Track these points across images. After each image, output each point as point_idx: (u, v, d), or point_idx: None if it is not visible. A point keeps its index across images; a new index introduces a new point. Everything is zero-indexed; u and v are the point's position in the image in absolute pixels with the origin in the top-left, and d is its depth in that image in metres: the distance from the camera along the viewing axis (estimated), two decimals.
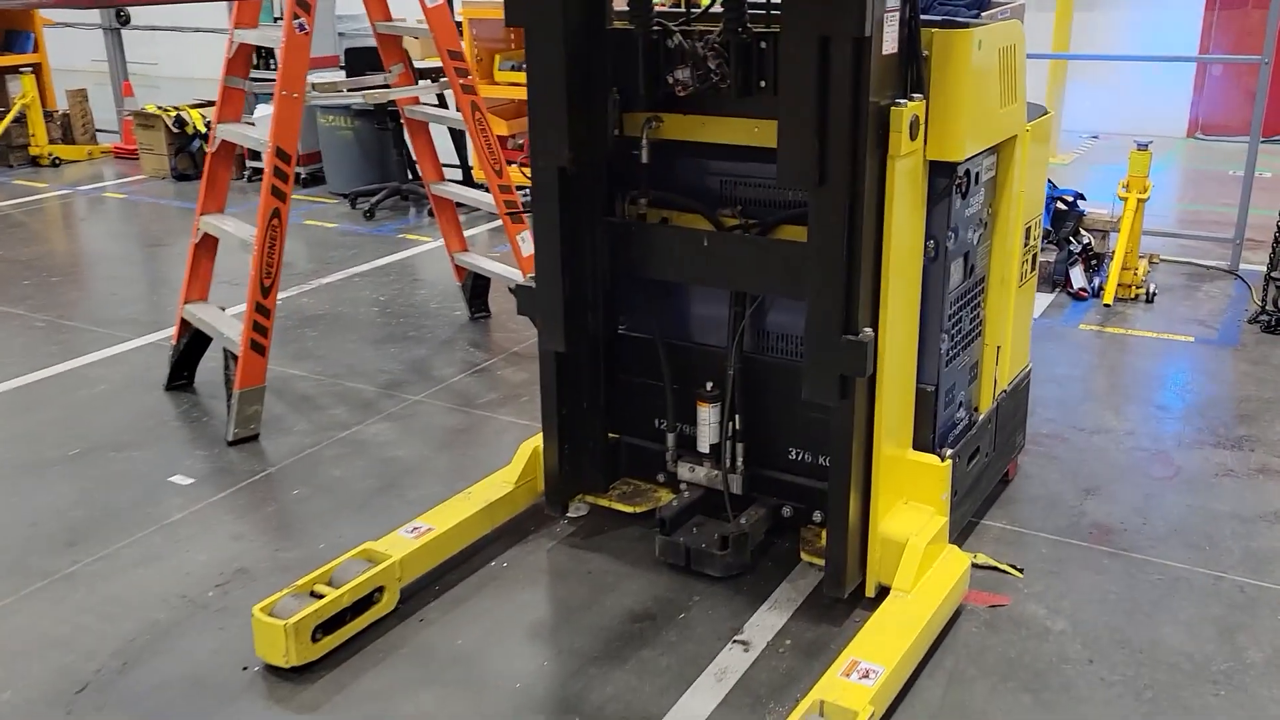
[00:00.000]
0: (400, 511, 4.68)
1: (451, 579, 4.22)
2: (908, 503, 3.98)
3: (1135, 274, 7.12)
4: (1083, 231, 7.51)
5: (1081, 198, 7.63)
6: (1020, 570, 4.19)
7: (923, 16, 3.56)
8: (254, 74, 7.59)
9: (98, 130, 12.91)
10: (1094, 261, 7.43)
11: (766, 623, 3.91)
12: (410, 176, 10.19)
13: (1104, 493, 4.78)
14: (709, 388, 4.26)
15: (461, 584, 4.19)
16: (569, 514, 4.64)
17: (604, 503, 4.53)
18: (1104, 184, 8.09)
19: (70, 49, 15.06)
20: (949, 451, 4.04)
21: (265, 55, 10.22)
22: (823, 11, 3.21)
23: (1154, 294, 7.12)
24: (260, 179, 11.73)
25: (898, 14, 3.34)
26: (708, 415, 4.28)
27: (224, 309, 5.94)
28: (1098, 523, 4.54)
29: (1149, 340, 6.55)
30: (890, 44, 3.35)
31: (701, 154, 4.07)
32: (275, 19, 10.77)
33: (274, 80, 5.25)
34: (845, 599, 3.88)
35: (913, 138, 3.45)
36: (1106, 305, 6.89)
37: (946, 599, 3.74)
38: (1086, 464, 5.05)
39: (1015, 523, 4.55)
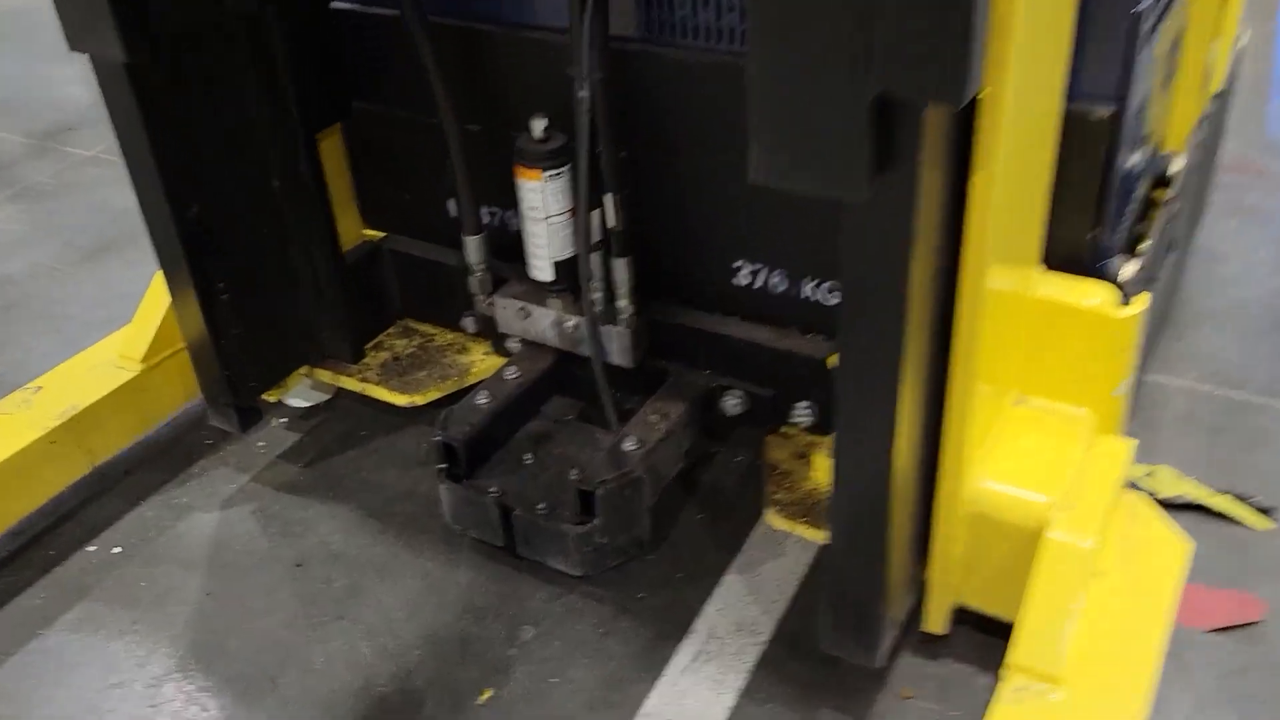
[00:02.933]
0: None
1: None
2: (1026, 403, 1.60)
3: None
4: None
5: None
6: (1266, 511, 1.87)
7: None
8: None
9: None
10: None
11: (685, 712, 1.63)
12: None
13: None
14: (538, 135, 1.77)
15: (11, 604, 1.86)
16: (294, 402, 2.26)
17: (352, 383, 2.13)
18: None
19: None
20: (1132, 267, 1.61)
21: None
22: None
23: None
24: None
25: None
26: (542, 197, 1.81)
27: None
28: None
29: None
30: None
31: None
32: None
33: None
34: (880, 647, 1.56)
35: None
36: None
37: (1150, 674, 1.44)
38: None
39: (1214, 376, 2.18)
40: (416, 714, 1.64)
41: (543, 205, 1.82)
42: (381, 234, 2.21)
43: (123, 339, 2.10)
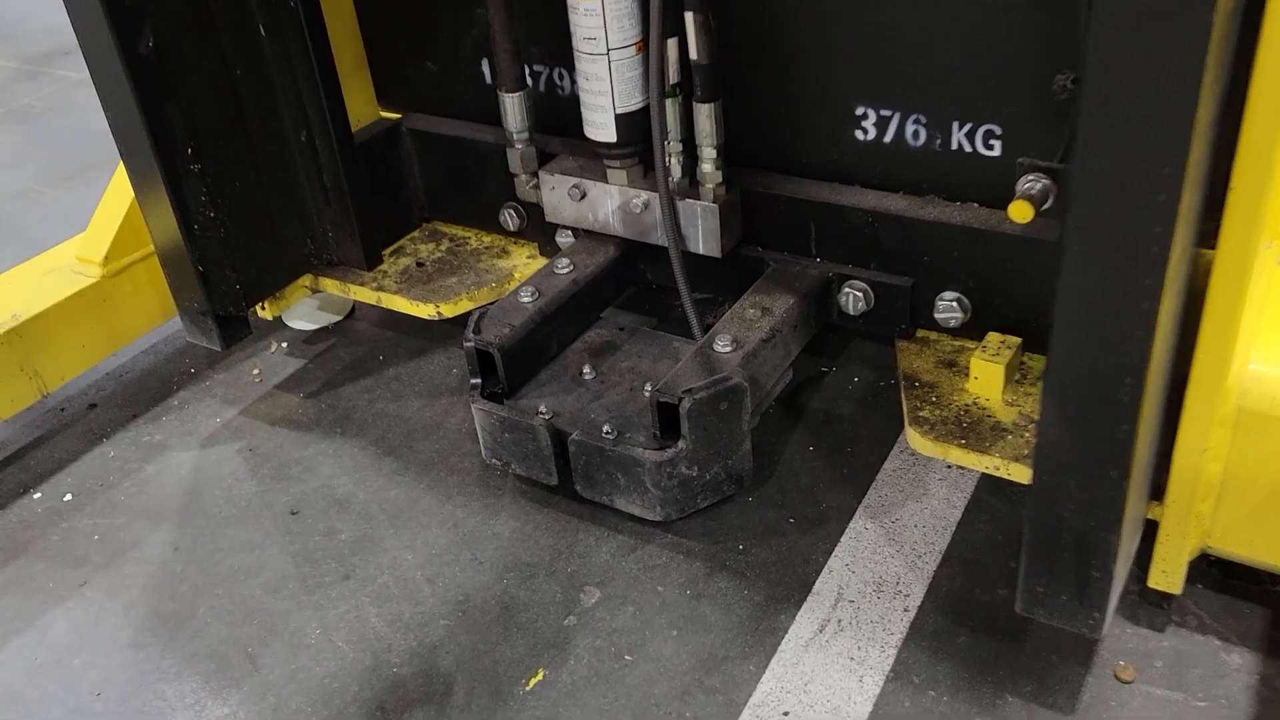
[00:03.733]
0: None
1: None
2: None
3: None
4: None
5: None
6: None
7: None
8: None
9: None
10: None
11: (813, 701, 1.17)
12: None
13: None
14: None
15: None
16: (296, 324, 1.85)
17: (365, 293, 1.70)
18: None
19: None
20: None
21: None
22: None
23: None
24: None
25: None
26: (602, 20, 1.36)
27: None
28: None
29: None
30: None
31: None
32: None
33: None
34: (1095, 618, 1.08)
35: None
36: None
37: None
38: None
39: None
40: (443, 704, 1.20)
41: (603, 34, 1.38)
42: (399, 114, 1.79)
43: (80, 240, 1.69)
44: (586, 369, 1.46)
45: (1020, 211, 1.16)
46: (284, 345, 1.82)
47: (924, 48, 1.31)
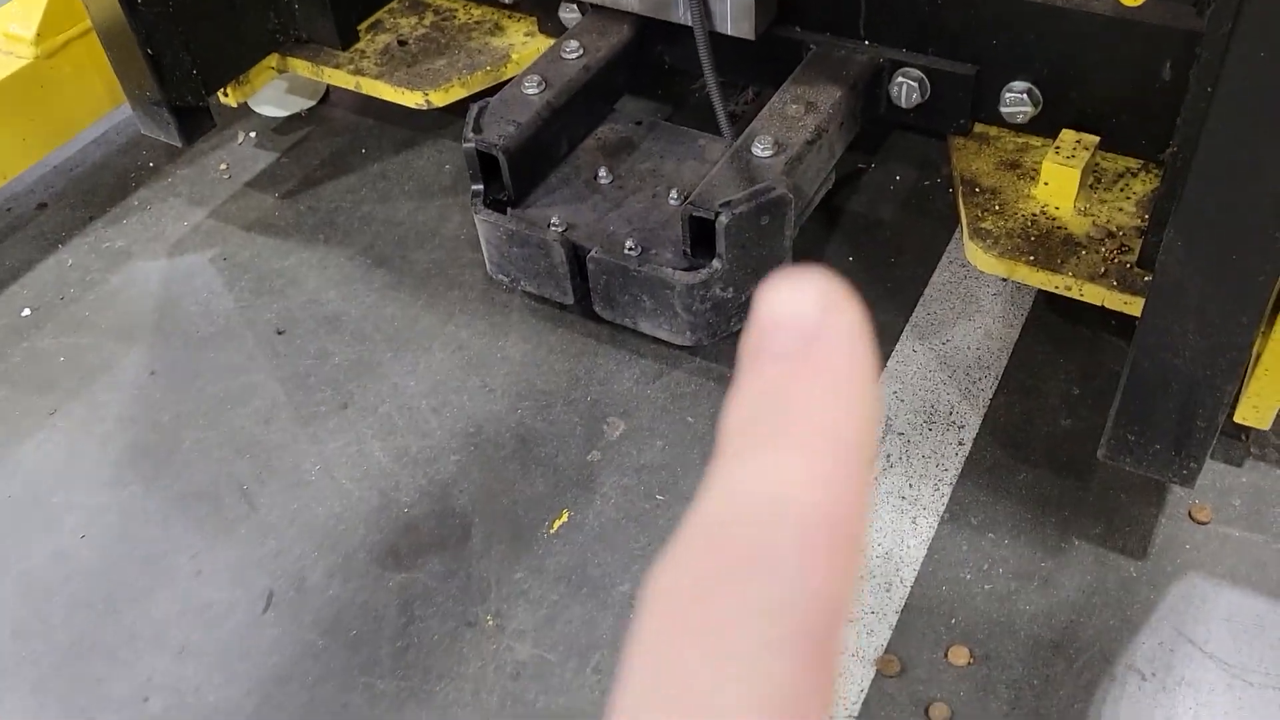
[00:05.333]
0: None
1: None
2: None
3: None
4: None
5: None
6: None
7: None
8: None
9: None
10: None
11: None
12: None
13: None
14: None
15: None
16: (264, 109, 1.65)
17: (342, 77, 1.49)
18: None
19: None
20: None
21: None
22: None
23: None
24: None
25: None
26: None
27: None
28: None
29: None
30: None
31: None
32: None
33: None
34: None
35: None
36: None
37: None
38: None
39: None
40: (460, 549, 1.11)
41: None
42: None
43: (4, 13, 1.45)
44: (602, 172, 1.29)
45: None
46: (252, 135, 1.62)
47: None
